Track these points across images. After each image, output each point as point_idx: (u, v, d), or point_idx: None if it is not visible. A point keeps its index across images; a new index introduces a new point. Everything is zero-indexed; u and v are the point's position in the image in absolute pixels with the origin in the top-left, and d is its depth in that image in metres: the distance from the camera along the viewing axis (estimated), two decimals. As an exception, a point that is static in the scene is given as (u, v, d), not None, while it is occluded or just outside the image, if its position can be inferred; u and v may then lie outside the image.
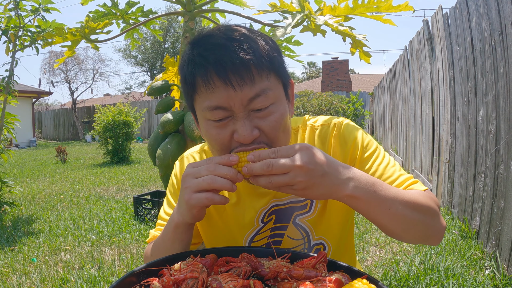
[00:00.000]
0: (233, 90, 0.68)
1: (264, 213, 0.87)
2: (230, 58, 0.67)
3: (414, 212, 0.70)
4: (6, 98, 4.17)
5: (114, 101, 25.86)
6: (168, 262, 0.69)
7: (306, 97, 12.14)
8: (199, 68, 0.69)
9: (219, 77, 0.67)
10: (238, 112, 0.70)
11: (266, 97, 0.70)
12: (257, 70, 0.69)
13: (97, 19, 1.61)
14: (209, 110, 0.71)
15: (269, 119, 0.72)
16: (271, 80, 0.71)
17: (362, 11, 1.03)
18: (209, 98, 0.70)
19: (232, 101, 0.69)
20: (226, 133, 0.72)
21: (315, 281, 0.61)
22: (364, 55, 1.08)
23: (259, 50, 0.69)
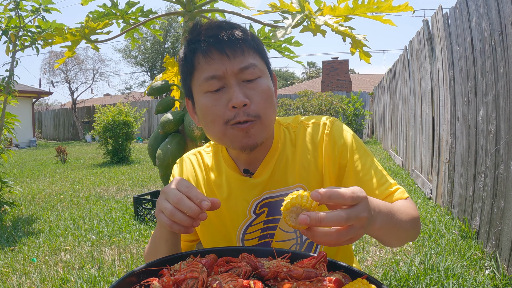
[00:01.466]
0: (228, 59, 0.78)
1: (256, 204, 0.89)
2: (226, 34, 0.79)
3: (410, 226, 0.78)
4: (6, 98, 4.17)
5: (114, 101, 25.86)
6: (168, 262, 0.69)
7: (306, 97, 12.13)
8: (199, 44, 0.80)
9: (216, 49, 0.78)
10: (231, 80, 0.79)
11: (254, 70, 0.80)
12: (247, 47, 0.80)
13: (97, 19, 1.62)
14: (206, 80, 0.79)
15: (258, 89, 0.80)
16: (257, 59, 0.82)
17: (362, 11, 1.03)
18: (207, 70, 0.79)
19: (225, 68, 0.78)
20: (221, 103, 0.79)
21: (315, 281, 0.61)
22: (364, 55, 1.08)
23: (248, 33, 0.82)
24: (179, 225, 0.68)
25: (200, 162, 0.98)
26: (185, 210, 0.66)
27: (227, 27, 0.81)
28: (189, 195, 0.68)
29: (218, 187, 0.93)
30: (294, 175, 0.89)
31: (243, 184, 0.90)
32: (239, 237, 0.92)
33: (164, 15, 1.76)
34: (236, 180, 0.91)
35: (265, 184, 0.89)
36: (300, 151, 0.90)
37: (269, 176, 0.89)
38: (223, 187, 0.93)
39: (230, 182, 0.92)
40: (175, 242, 0.82)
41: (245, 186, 0.90)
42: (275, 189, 0.89)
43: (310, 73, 43.55)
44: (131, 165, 8.46)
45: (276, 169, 0.89)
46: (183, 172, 0.98)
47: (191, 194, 0.68)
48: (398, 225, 0.73)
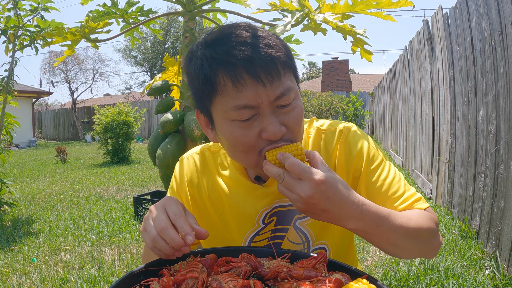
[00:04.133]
0: (263, 87, 0.67)
1: (266, 213, 0.86)
2: (258, 54, 0.66)
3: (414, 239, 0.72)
4: (5, 98, 4.17)
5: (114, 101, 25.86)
6: (168, 262, 0.69)
7: (306, 97, 12.13)
8: (225, 66, 0.67)
9: (249, 75, 0.66)
10: (265, 109, 0.69)
11: (290, 94, 0.70)
12: (283, 68, 0.69)
13: (97, 18, 1.61)
14: (236, 109, 0.68)
15: (292, 114, 0.72)
16: (291, 78, 0.72)
17: (362, 8, 1.03)
18: (237, 97, 0.68)
19: (261, 99, 0.68)
20: (253, 133, 0.70)
21: (315, 281, 0.61)
22: (365, 53, 1.08)
23: (281, 47, 0.70)
24: (160, 251, 0.65)
25: (204, 162, 0.92)
26: (168, 241, 0.63)
27: (261, 43, 0.67)
28: (175, 224, 0.64)
29: (225, 191, 0.88)
30: None
31: (254, 192, 0.85)
32: (244, 245, 0.89)
33: (164, 15, 1.76)
34: (245, 187, 0.86)
35: (278, 193, 0.83)
36: None
37: None
38: (231, 192, 0.87)
39: (239, 188, 0.86)
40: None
41: (255, 194, 0.85)
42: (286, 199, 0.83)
43: (310, 73, 43.56)
44: (131, 165, 8.46)
45: None
46: (184, 171, 0.93)
47: (178, 224, 0.64)
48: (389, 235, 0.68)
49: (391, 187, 0.78)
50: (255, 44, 0.67)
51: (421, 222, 0.73)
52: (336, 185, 0.64)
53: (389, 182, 0.79)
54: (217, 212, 0.90)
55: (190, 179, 0.92)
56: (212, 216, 0.90)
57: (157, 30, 1.89)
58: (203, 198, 0.90)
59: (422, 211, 0.76)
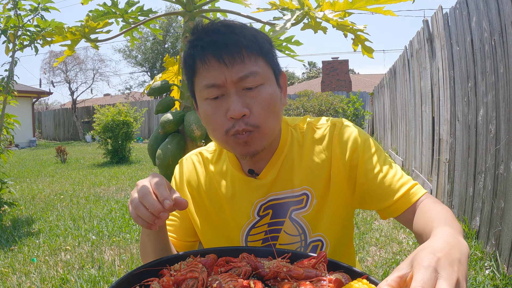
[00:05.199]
0: (226, 67, 0.74)
1: (260, 205, 0.87)
2: (224, 40, 0.75)
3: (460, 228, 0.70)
4: (5, 98, 4.17)
5: (114, 101, 25.86)
6: (168, 262, 0.69)
7: (306, 97, 12.14)
8: (197, 50, 0.77)
9: (213, 56, 0.75)
10: (230, 89, 0.76)
11: (255, 78, 0.76)
12: (247, 53, 0.76)
13: (97, 18, 1.61)
14: (206, 88, 0.77)
15: (258, 98, 0.77)
16: (259, 63, 0.78)
17: (362, 5, 1.03)
18: (206, 77, 0.77)
19: (225, 78, 0.75)
20: (221, 112, 0.77)
21: (315, 281, 0.61)
22: (366, 50, 1.08)
23: (249, 36, 0.77)
24: (142, 220, 0.67)
25: (202, 162, 0.96)
26: (147, 206, 0.66)
27: (226, 30, 0.76)
28: (155, 192, 0.68)
29: (222, 187, 0.91)
30: (301, 177, 0.86)
31: (248, 185, 0.88)
32: (242, 238, 0.90)
33: (164, 15, 1.76)
34: (240, 180, 0.89)
35: (270, 186, 0.87)
36: (307, 153, 0.87)
37: (274, 177, 0.87)
38: (227, 187, 0.90)
39: (234, 182, 0.90)
40: (158, 238, 0.82)
41: (249, 187, 0.88)
42: (280, 191, 0.87)
43: (310, 73, 43.57)
44: (131, 165, 8.46)
45: (282, 170, 0.87)
46: (183, 172, 0.96)
47: (158, 191, 0.67)
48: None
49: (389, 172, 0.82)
50: (222, 32, 0.76)
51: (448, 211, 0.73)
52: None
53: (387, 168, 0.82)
54: (215, 208, 0.92)
55: (189, 180, 0.95)
56: (210, 213, 0.93)
57: (157, 30, 1.89)
58: (202, 197, 0.93)
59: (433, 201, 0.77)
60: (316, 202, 0.85)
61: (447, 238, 0.56)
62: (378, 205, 0.82)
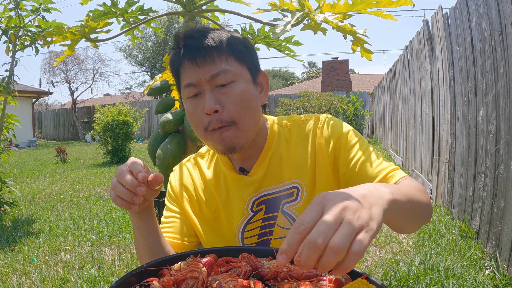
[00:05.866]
0: (198, 67, 0.81)
1: (253, 201, 0.90)
2: (195, 43, 0.82)
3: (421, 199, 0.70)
4: (6, 98, 4.17)
5: (114, 101, 25.86)
6: (168, 262, 0.69)
7: (306, 97, 12.13)
8: (176, 55, 0.86)
9: (188, 59, 0.83)
10: (204, 87, 0.82)
11: (226, 76, 0.81)
12: (217, 53, 0.82)
13: (97, 18, 1.61)
14: (185, 87, 0.84)
15: (231, 94, 0.82)
16: (230, 62, 0.83)
17: (362, 8, 1.03)
18: (185, 78, 0.84)
19: (198, 77, 0.82)
20: (199, 109, 0.83)
21: (315, 281, 0.61)
22: (365, 52, 1.08)
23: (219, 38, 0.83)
24: (121, 199, 0.71)
25: (196, 167, 1.00)
26: (124, 183, 0.69)
27: (198, 35, 0.84)
28: (130, 169, 0.71)
29: (216, 189, 0.95)
30: (289, 171, 0.89)
31: (239, 182, 0.92)
32: (238, 235, 0.92)
33: (164, 15, 1.76)
34: (232, 179, 0.93)
35: (261, 182, 0.90)
36: (294, 147, 0.90)
37: (264, 173, 0.90)
38: (221, 188, 0.94)
39: (227, 181, 0.94)
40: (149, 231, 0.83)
41: (241, 184, 0.91)
42: (271, 186, 0.90)
43: (310, 73, 43.56)
44: (131, 165, 8.45)
45: (271, 166, 0.90)
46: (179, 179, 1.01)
47: (132, 167, 0.70)
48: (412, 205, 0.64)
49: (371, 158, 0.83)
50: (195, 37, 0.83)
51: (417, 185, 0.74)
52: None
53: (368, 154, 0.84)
54: (211, 209, 0.95)
55: (185, 184, 0.99)
56: (207, 213, 0.96)
57: (158, 28, 1.89)
58: (199, 199, 0.97)
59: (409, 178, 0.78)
60: (306, 194, 0.88)
61: (367, 186, 0.55)
62: None
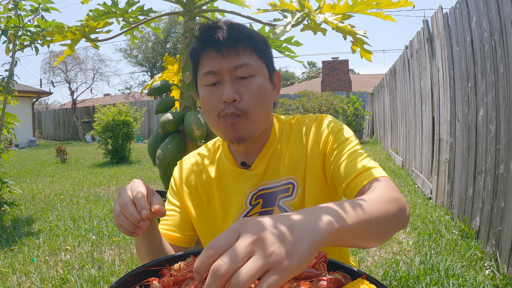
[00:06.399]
0: (223, 57, 0.84)
1: (252, 195, 0.93)
2: (223, 35, 0.85)
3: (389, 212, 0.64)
4: (6, 98, 4.17)
5: (114, 101, 25.86)
6: (168, 262, 0.69)
7: (306, 97, 12.13)
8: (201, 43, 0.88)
9: (213, 48, 0.85)
10: (225, 77, 0.85)
11: (248, 69, 0.85)
12: (242, 47, 0.85)
13: (97, 18, 1.61)
14: (205, 75, 0.87)
15: (249, 87, 0.85)
16: (253, 57, 0.87)
17: (362, 8, 1.03)
18: (206, 66, 0.87)
19: (221, 66, 0.84)
20: (216, 97, 0.86)
21: (315, 281, 0.60)
22: (365, 52, 1.08)
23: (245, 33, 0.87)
24: (124, 228, 0.71)
25: (199, 162, 1.03)
26: (127, 216, 0.69)
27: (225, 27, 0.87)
28: (134, 201, 0.71)
29: (218, 182, 0.98)
30: (286, 167, 0.92)
31: (240, 176, 0.95)
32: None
33: (164, 15, 1.76)
34: (234, 172, 0.96)
35: (261, 176, 0.94)
36: (293, 144, 0.94)
37: (264, 168, 0.93)
38: (222, 181, 0.97)
39: (228, 174, 0.97)
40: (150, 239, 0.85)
41: (242, 178, 0.95)
42: (269, 181, 0.93)
43: (310, 73, 43.54)
44: (131, 165, 8.46)
45: (270, 162, 0.94)
46: (182, 172, 1.03)
47: (136, 200, 0.71)
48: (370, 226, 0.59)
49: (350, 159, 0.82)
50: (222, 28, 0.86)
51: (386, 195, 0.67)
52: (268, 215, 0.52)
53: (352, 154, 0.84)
54: (211, 203, 0.98)
55: (188, 179, 1.01)
56: (207, 208, 0.99)
57: (158, 28, 1.89)
58: (200, 193, 0.99)
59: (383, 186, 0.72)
60: (301, 190, 0.91)
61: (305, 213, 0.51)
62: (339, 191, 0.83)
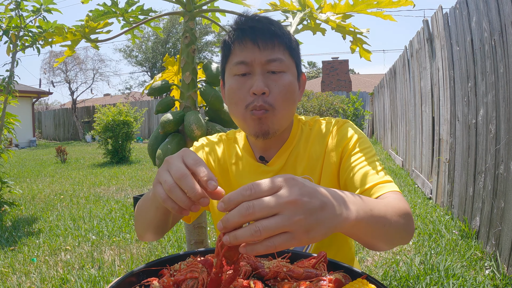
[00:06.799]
0: (258, 49, 0.85)
1: None
2: (262, 27, 0.86)
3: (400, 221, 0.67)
4: (6, 98, 4.17)
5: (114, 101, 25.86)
6: (168, 262, 0.69)
7: (306, 97, 12.13)
8: (237, 32, 0.88)
9: (250, 39, 0.86)
10: (256, 69, 0.86)
11: (281, 64, 0.86)
12: (278, 42, 0.87)
13: (97, 18, 1.61)
14: (236, 64, 0.87)
15: (279, 82, 0.86)
16: (286, 55, 0.88)
17: (362, 8, 1.04)
18: (239, 55, 0.87)
19: (254, 57, 0.85)
20: (245, 88, 0.87)
21: (315, 281, 0.61)
22: (364, 52, 1.08)
23: (283, 30, 0.88)
24: (175, 204, 0.58)
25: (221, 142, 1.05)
26: (186, 189, 0.56)
27: (265, 20, 0.88)
28: (195, 170, 0.58)
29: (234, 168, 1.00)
30: (303, 166, 0.94)
31: (257, 170, 0.97)
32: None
33: (164, 15, 1.76)
34: (250, 165, 0.98)
35: (277, 172, 0.95)
36: (311, 144, 0.96)
37: (282, 166, 0.95)
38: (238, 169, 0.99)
39: (245, 166, 0.99)
40: (167, 211, 0.75)
41: (258, 172, 0.97)
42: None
43: (310, 73, 43.55)
44: (131, 165, 8.46)
45: (289, 160, 0.96)
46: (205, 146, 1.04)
47: (199, 169, 0.57)
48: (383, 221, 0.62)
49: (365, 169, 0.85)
50: (262, 21, 0.87)
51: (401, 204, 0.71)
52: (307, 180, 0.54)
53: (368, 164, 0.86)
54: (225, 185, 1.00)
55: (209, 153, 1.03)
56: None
57: (158, 28, 1.89)
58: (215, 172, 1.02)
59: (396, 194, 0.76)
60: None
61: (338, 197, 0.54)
62: None
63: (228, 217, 0.48)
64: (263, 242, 0.48)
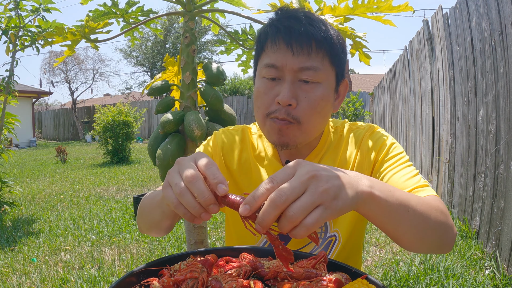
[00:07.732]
0: (291, 54, 0.76)
1: None
2: (299, 28, 0.75)
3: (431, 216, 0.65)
4: (6, 98, 4.17)
5: (114, 101, 25.86)
6: (168, 262, 0.69)
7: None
8: (272, 29, 0.78)
9: (284, 40, 0.76)
10: (287, 75, 0.77)
11: (315, 74, 0.77)
12: (316, 48, 0.76)
13: (97, 18, 1.61)
14: (266, 66, 0.79)
15: (310, 94, 0.78)
16: (324, 63, 0.78)
17: (362, 11, 1.03)
18: (270, 56, 0.79)
19: (286, 63, 0.76)
20: (272, 93, 0.79)
21: (315, 281, 0.61)
22: (364, 56, 1.08)
23: (324, 32, 0.77)
24: (185, 210, 0.55)
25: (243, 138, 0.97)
26: (195, 193, 0.53)
27: (305, 20, 0.77)
28: (206, 173, 0.55)
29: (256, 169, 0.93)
30: None
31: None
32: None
33: (164, 15, 1.76)
34: (275, 168, 0.91)
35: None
36: (342, 151, 0.91)
37: None
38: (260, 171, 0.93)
39: (269, 168, 0.92)
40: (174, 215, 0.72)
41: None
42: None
43: (310, 73, 43.47)
44: (131, 165, 8.46)
45: None
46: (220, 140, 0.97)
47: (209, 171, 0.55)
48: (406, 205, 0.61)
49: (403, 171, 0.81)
50: (301, 20, 0.76)
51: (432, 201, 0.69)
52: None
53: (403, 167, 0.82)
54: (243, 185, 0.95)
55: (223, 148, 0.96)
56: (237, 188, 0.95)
57: (158, 30, 1.89)
58: (233, 169, 0.95)
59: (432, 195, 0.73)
60: None
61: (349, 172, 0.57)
62: None
63: (262, 217, 0.50)
64: (301, 224, 0.50)
